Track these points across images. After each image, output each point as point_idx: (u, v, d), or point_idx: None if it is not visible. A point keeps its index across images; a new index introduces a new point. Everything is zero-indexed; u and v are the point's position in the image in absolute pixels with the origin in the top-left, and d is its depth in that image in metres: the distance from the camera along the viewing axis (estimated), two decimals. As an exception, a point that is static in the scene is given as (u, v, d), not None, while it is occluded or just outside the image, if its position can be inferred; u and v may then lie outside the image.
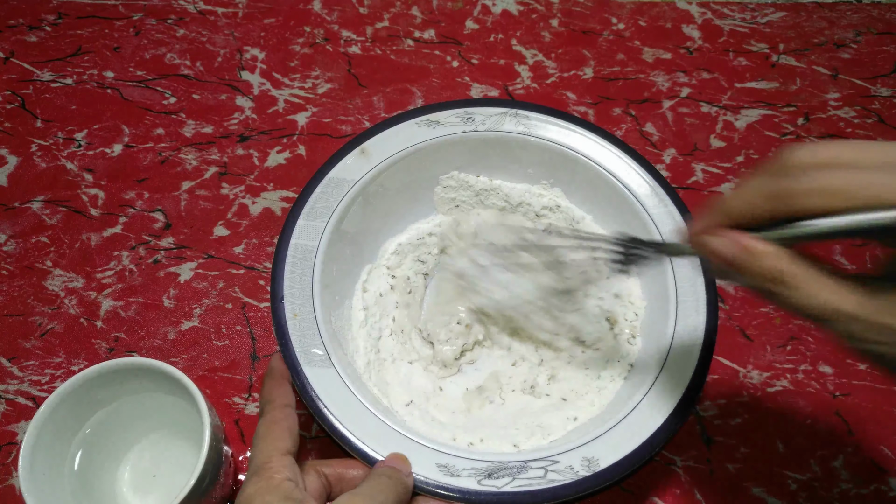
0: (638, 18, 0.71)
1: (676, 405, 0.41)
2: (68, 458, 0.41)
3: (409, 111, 0.52)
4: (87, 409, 0.42)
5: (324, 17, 0.70)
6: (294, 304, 0.43)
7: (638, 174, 0.50)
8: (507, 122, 0.51)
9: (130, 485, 0.44)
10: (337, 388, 0.41)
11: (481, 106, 0.52)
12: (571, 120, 0.51)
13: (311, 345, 0.42)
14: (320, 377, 0.41)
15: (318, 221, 0.47)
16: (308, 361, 0.41)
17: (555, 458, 0.39)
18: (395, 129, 0.51)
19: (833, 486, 0.48)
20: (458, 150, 0.52)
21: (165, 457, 0.45)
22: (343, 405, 0.40)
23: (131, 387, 0.42)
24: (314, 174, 0.49)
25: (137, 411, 0.44)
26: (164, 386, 0.41)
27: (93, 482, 0.42)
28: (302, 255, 0.45)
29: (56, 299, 0.54)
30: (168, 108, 0.63)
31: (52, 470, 0.39)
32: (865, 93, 0.66)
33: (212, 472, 0.39)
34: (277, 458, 0.35)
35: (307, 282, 0.44)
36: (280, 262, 0.45)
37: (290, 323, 0.43)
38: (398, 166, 0.50)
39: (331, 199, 0.48)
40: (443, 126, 0.51)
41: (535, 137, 0.51)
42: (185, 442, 0.45)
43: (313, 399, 0.40)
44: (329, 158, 0.49)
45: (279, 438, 0.36)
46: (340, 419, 0.40)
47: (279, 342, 0.42)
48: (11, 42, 0.67)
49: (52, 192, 0.59)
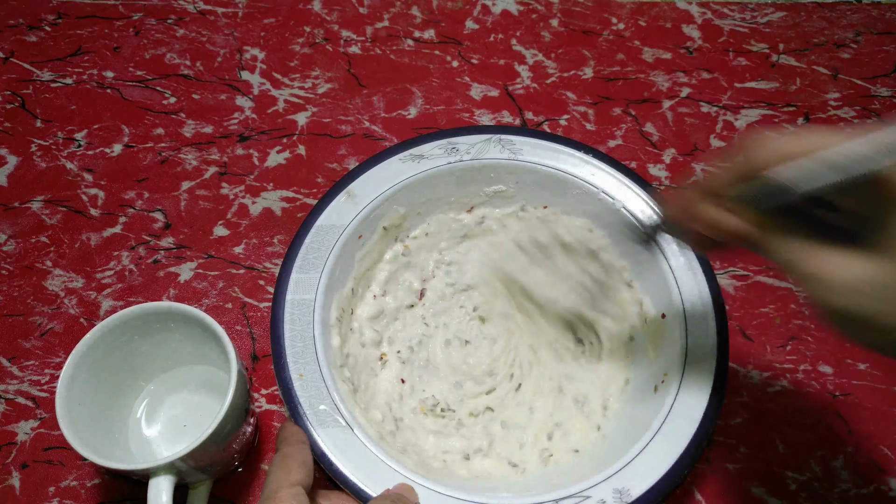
0: (638, 18, 0.71)
1: (699, 424, 0.41)
2: (102, 404, 0.44)
3: (390, 148, 0.51)
4: (122, 357, 0.45)
5: (324, 17, 0.70)
6: (298, 363, 0.43)
7: (630, 189, 0.50)
8: (491, 148, 0.51)
9: (162, 432, 0.47)
10: (352, 446, 0.41)
11: (464, 135, 0.52)
12: (556, 140, 0.51)
13: (318, 403, 0.42)
14: (334, 437, 0.41)
15: (312, 273, 0.46)
16: (320, 423, 0.41)
17: (585, 494, 0.39)
18: (380, 167, 0.50)
19: (833, 486, 0.48)
20: (445, 181, 0.51)
21: (198, 411, 0.47)
22: (362, 464, 0.40)
23: (166, 336, 0.45)
24: (302, 222, 0.48)
25: (171, 361, 0.48)
26: (198, 336, 0.44)
27: (121, 427, 0.46)
28: (300, 311, 0.45)
29: (56, 299, 0.54)
30: (168, 108, 0.63)
31: (87, 410, 0.42)
32: (865, 93, 0.66)
33: (235, 417, 0.41)
34: (286, 489, 0.36)
35: (308, 337, 0.44)
36: (278, 320, 0.44)
37: (297, 384, 0.42)
38: (385, 206, 0.50)
39: (322, 249, 0.47)
40: (427, 159, 0.50)
41: (522, 161, 0.51)
42: (216, 400, 0.47)
43: (331, 462, 0.40)
44: (315, 205, 0.49)
45: (291, 471, 0.37)
46: (361, 480, 0.40)
47: (287, 405, 0.42)
48: (11, 42, 0.67)
49: (52, 192, 0.59)
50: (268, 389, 0.51)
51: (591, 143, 0.60)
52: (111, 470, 0.39)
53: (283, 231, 0.57)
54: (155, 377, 0.48)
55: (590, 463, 0.44)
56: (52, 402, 0.42)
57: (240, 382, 0.41)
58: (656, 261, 0.47)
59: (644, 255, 0.48)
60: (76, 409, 0.40)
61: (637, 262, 0.49)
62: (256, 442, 0.48)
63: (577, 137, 0.62)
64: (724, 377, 0.43)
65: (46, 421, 0.49)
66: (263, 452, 0.48)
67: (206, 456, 0.40)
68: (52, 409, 0.40)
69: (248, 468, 0.48)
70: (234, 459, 0.45)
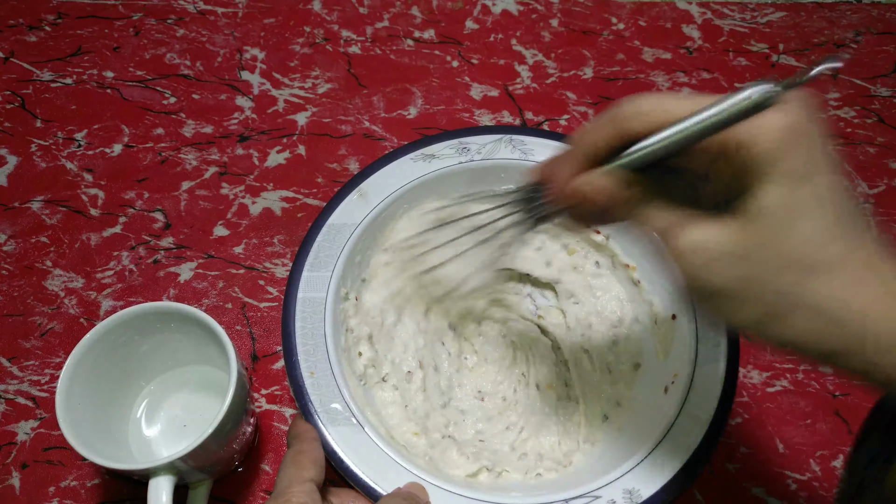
0: (638, 18, 0.71)
1: (709, 425, 0.41)
2: (103, 404, 0.44)
3: (402, 147, 0.51)
4: (122, 357, 0.45)
5: (324, 17, 0.70)
6: (309, 361, 0.43)
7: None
8: (502, 148, 0.51)
9: (162, 433, 0.47)
10: (364, 445, 0.41)
11: (475, 135, 0.52)
12: (567, 140, 0.51)
13: (329, 401, 0.42)
14: (345, 435, 0.41)
15: (324, 272, 0.46)
16: (331, 420, 0.41)
17: (596, 494, 0.39)
18: (391, 166, 0.50)
19: (833, 486, 0.48)
20: (456, 181, 0.51)
21: (198, 412, 0.47)
22: (373, 462, 0.40)
23: (166, 335, 0.45)
24: (314, 220, 0.48)
25: (171, 361, 0.48)
26: (198, 336, 0.44)
27: (121, 427, 0.46)
28: (311, 309, 0.45)
29: (56, 299, 0.54)
30: (168, 108, 0.63)
31: (86, 407, 0.42)
32: (865, 93, 0.66)
33: (235, 417, 0.41)
34: (298, 485, 0.36)
35: (319, 335, 0.44)
36: (289, 318, 0.44)
37: (308, 382, 0.42)
38: (397, 204, 0.50)
39: (333, 247, 0.47)
40: (438, 159, 0.50)
41: (533, 161, 0.50)
42: (216, 400, 0.47)
43: (342, 460, 0.40)
44: (328, 203, 0.49)
45: (303, 467, 0.37)
46: (372, 478, 0.40)
47: (298, 403, 0.42)
48: (11, 42, 0.67)
49: (52, 192, 0.59)
50: (268, 389, 0.51)
51: (591, 143, 0.61)
52: (111, 470, 0.39)
53: (283, 231, 0.57)
54: (155, 377, 0.48)
55: (600, 463, 0.44)
56: (52, 402, 0.42)
57: (240, 382, 0.41)
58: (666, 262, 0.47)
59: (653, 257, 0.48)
60: (76, 409, 0.40)
61: (647, 263, 0.49)
62: (256, 442, 0.48)
63: (577, 137, 0.62)
64: (734, 379, 0.43)
65: (46, 421, 0.49)
66: (263, 452, 0.48)
67: (206, 456, 0.40)
68: (52, 409, 0.40)
69: (248, 468, 0.48)
70: (234, 459, 0.45)
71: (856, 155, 0.62)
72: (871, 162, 0.62)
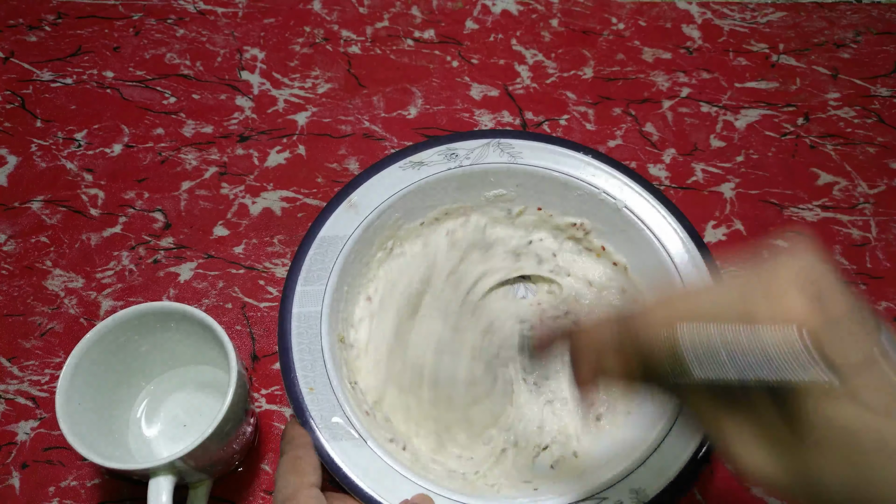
0: (638, 18, 0.71)
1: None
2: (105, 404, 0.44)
3: (390, 155, 0.51)
4: (122, 357, 0.45)
5: (324, 17, 0.70)
6: (308, 377, 0.43)
7: (631, 189, 0.50)
8: (490, 153, 0.51)
9: (162, 433, 0.47)
10: (367, 458, 0.40)
11: (463, 140, 0.51)
12: (556, 142, 0.51)
13: (330, 416, 0.42)
14: (348, 450, 0.41)
15: (317, 286, 0.46)
16: (333, 436, 0.41)
17: (602, 496, 0.39)
18: (380, 175, 0.50)
19: (833, 486, 0.48)
20: (446, 187, 0.51)
21: (198, 412, 0.47)
22: (379, 476, 0.40)
23: (166, 335, 0.45)
24: (305, 233, 0.48)
25: (171, 361, 0.48)
26: (198, 336, 0.44)
27: (122, 427, 0.46)
28: (307, 324, 0.44)
29: (56, 299, 0.54)
30: (168, 108, 0.63)
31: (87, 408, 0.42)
32: (865, 93, 0.66)
33: (235, 417, 0.41)
34: (305, 491, 0.36)
35: (317, 349, 0.44)
36: (285, 334, 0.44)
37: (308, 398, 0.42)
38: (388, 213, 0.50)
39: (326, 260, 0.47)
40: (427, 166, 0.50)
41: (522, 164, 0.51)
42: (216, 400, 0.47)
43: (347, 476, 0.40)
44: (318, 215, 0.48)
45: (305, 473, 0.37)
46: (379, 493, 0.39)
47: (299, 420, 0.42)
48: (11, 42, 0.67)
49: (52, 192, 0.59)
50: (268, 389, 0.51)
51: (590, 144, 0.61)
52: (111, 470, 0.39)
53: (284, 231, 0.57)
54: (155, 377, 0.48)
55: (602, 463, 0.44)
56: (52, 402, 0.42)
57: (240, 382, 0.41)
58: (664, 266, 0.47)
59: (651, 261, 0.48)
60: (76, 409, 0.40)
61: (643, 265, 0.50)
62: (256, 442, 0.48)
63: (577, 137, 0.62)
64: None
65: (46, 421, 0.49)
66: (263, 452, 0.48)
67: (206, 456, 0.40)
68: (52, 409, 0.40)
69: (248, 468, 0.48)
70: (234, 459, 0.45)
71: (856, 155, 0.62)
72: (871, 162, 0.62)
